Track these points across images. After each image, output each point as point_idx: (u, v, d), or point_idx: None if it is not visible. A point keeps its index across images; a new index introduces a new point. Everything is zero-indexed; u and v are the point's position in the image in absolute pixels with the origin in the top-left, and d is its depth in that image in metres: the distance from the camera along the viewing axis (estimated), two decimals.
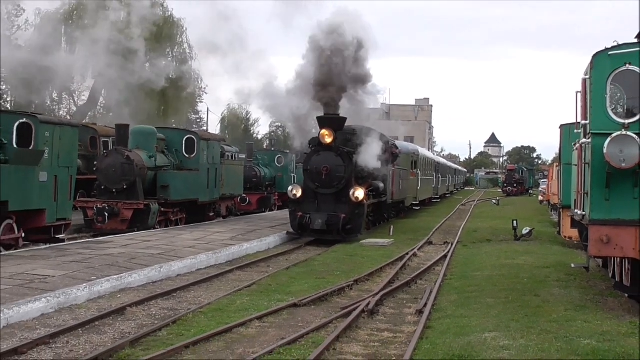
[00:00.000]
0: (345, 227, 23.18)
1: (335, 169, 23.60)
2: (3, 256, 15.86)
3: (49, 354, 8.96)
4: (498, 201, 54.86)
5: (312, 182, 23.89)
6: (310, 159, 24.20)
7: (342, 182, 23.60)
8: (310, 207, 23.47)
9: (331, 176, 23.56)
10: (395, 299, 13.51)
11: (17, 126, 18.12)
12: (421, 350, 9.29)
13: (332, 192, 23.62)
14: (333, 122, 23.97)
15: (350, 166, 23.87)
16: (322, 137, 23.56)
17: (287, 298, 12.80)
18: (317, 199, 23.67)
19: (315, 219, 22.97)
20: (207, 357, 8.89)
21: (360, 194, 23.42)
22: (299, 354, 8.99)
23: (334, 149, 23.73)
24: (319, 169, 23.65)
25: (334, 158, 23.70)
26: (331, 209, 23.29)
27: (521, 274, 16.10)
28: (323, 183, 23.67)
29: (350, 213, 23.35)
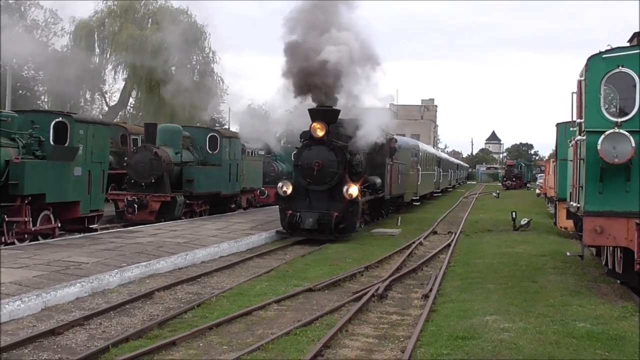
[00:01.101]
0: (338, 225, 20.22)
1: (327, 164, 20.48)
2: (41, 245, 15.96)
3: (83, 334, 9.00)
4: (498, 194, 54.61)
5: (303, 178, 20.79)
6: (301, 153, 21.01)
7: (335, 178, 20.50)
8: (301, 205, 20.55)
9: (323, 172, 20.47)
10: (402, 285, 13.49)
11: (53, 125, 18.22)
12: (427, 332, 9.28)
13: (325, 189, 20.57)
14: (325, 114, 20.86)
15: (343, 161, 20.73)
16: (313, 130, 20.50)
17: (302, 283, 12.82)
18: (309, 196, 20.65)
19: (305, 217, 20.11)
20: (229, 337, 8.90)
21: (354, 191, 20.38)
22: (314, 335, 9.00)
23: (327, 143, 20.65)
24: (310, 164, 20.49)
25: (326, 153, 20.58)
26: (323, 206, 20.37)
27: (520, 261, 16.05)
28: (315, 179, 20.57)
29: (343, 211, 20.31)
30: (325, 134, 20.43)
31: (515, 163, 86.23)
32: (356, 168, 21.72)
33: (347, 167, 20.93)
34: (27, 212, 16.88)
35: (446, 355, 8.03)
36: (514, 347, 8.31)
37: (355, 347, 8.66)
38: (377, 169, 25.13)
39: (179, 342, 8.49)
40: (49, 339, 8.64)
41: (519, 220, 25.29)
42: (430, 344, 8.61)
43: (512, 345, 8.39)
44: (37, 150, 17.61)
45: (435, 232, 24.12)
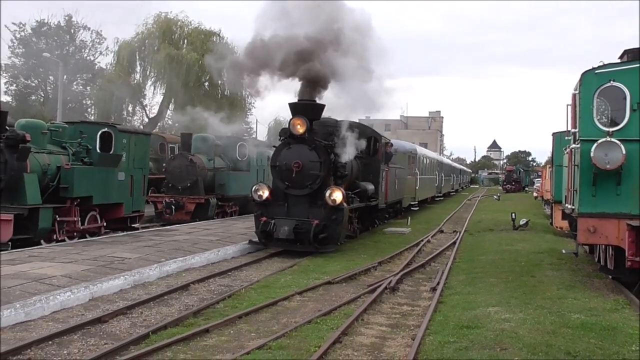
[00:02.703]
0: (318, 235, 16.05)
1: (308, 166, 16.39)
2: (88, 242, 16.06)
3: (126, 322, 9.03)
4: (499, 197, 54.21)
5: (281, 181, 16.70)
6: (279, 153, 16.83)
7: (316, 181, 16.42)
8: (278, 211, 16.52)
9: (304, 174, 16.39)
10: (412, 278, 13.42)
11: (100, 135, 18.37)
12: (435, 321, 9.22)
13: (305, 194, 16.49)
14: (307, 109, 16.76)
15: (327, 162, 16.57)
16: (292, 126, 16.45)
17: (322, 277, 12.79)
18: (287, 202, 16.61)
19: (280, 225, 16.00)
20: (256, 325, 8.90)
21: (337, 196, 16.17)
22: (333, 324, 8.98)
23: (308, 141, 16.50)
24: (289, 165, 16.40)
25: (308, 152, 16.49)
26: (303, 213, 16.35)
27: (519, 258, 15.91)
28: (294, 182, 16.51)
29: (325, 219, 16.20)
30: (306, 130, 16.36)
31: (515, 169, 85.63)
32: (341, 170, 17.19)
33: (332, 170, 16.90)
34: (76, 213, 17.04)
35: (452, 343, 7.97)
36: (514, 336, 8.23)
37: (370, 335, 8.63)
38: (371, 175, 20.87)
39: (212, 330, 8.50)
40: (95, 326, 8.68)
41: (518, 220, 25.11)
42: (438, 332, 8.56)
43: (512, 334, 8.31)
44: (85, 157, 17.76)
45: (441, 231, 23.98)
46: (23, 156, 15.26)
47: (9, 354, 7.23)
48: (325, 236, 16.28)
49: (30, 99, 53.87)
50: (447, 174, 55.40)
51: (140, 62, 48.09)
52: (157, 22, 47.09)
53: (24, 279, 10.46)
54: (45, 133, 17.03)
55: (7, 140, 15.08)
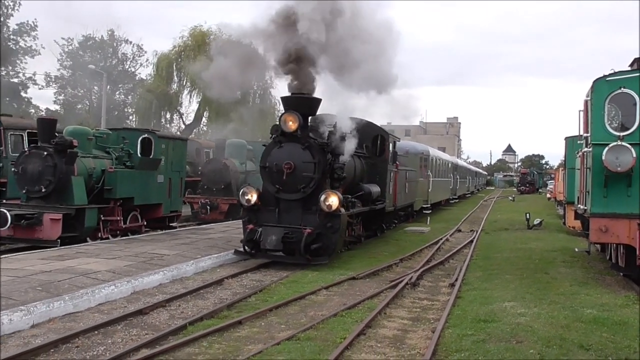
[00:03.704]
0: (310, 245, 13.37)
1: (301, 167, 13.82)
2: (130, 239, 16.23)
3: (165, 314, 9.10)
4: (514, 198, 53.73)
5: (271, 184, 14.10)
6: (269, 152, 14.21)
7: (310, 184, 13.76)
8: (268, 218, 13.94)
9: (296, 176, 13.81)
10: (432, 274, 13.34)
11: (140, 140, 18.54)
12: (454, 315, 9.15)
13: (298, 198, 13.88)
14: (300, 103, 14.06)
15: (322, 163, 13.90)
16: (284, 122, 13.87)
17: (347, 272, 12.77)
18: (279, 207, 14.00)
19: (267, 234, 13.43)
20: (286, 318, 8.91)
21: (333, 201, 13.49)
22: (357, 317, 8.96)
23: (301, 139, 13.87)
24: (279, 167, 13.82)
25: (300, 152, 13.89)
26: (295, 220, 13.78)
27: (533, 256, 15.75)
28: (285, 185, 13.92)
29: (320, 227, 13.56)
30: (298, 127, 13.75)
31: (529, 171, 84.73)
32: (339, 172, 14.46)
33: (328, 171, 14.26)
34: (119, 213, 17.22)
35: (470, 336, 7.91)
36: (530, 330, 8.14)
37: (393, 327, 8.59)
38: (378, 176, 18.28)
39: (245, 322, 8.53)
40: (137, 318, 8.76)
41: (532, 220, 24.86)
42: (457, 325, 8.49)
43: (527, 328, 8.22)
44: (127, 161, 17.95)
45: (459, 230, 23.80)
46: (71, 160, 15.47)
47: (60, 342, 7.34)
48: (320, 246, 13.56)
49: (76, 107, 54.71)
50: (462, 176, 52.43)
51: (177, 72, 48.51)
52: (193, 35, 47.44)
53: (72, 274, 10.60)
54: (90, 139, 17.25)
55: (56, 145, 15.31)
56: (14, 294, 8.97)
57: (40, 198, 15.30)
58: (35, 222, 14.62)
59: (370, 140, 18.21)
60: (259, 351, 7.10)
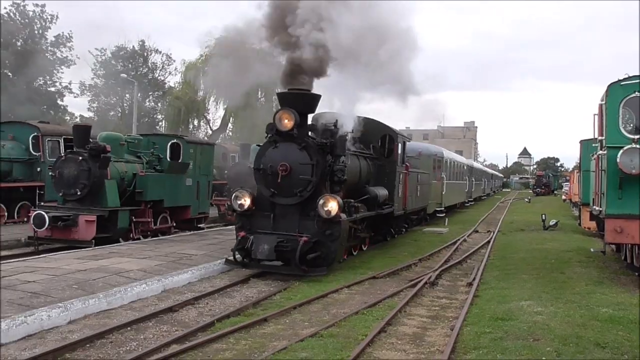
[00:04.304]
0: (307, 255, 11.82)
1: (297, 169, 12.30)
2: (160, 240, 16.36)
3: (194, 311, 9.15)
4: (529, 199, 53.18)
5: (265, 187, 12.59)
6: (263, 153, 12.70)
7: (307, 188, 12.28)
8: (263, 224, 12.49)
9: (292, 179, 12.31)
10: (450, 274, 13.25)
11: (170, 145, 18.72)
12: (472, 314, 9.08)
13: (294, 203, 12.38)
14: (297, 99, 12.50)
15: (321, 165, 12.39)
16: (278, 120, 12.33)
17: (367, 272, 12.71)
18: (274, 212, 12.54)
19: (259, 243, 11.89)
20: (309, 315, 8.91)
21: (332, 207, 12.01)
22: (378, 314, 8.93)
23: (298, 139, 12.37)
24: (274, 169, 12.35)
25: (297, 153, 12.38)
26: (293, 227, 12.28)
27: (549, 256, 15.57)
28: (281, 189, 12.43)
29: (318, 234, 12.09)
30: (294, 126, 12.23)
31: (544, 173, 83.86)
32: (339, 175, 12.76)
33: (328, 174, 12.67)
34: (150, 214, 17.38)
35: (488, 333, 7.84)
36: (546, 328, 8.05)
37: (412, 325, 8.55)
38: (386, 179, 16.64)
39: (270, 319, 8.55)
40: (167, 315, 8.82)
41: (548, 221, 24.58)
42: (475, 323, 8.43)
43: (544, 326, 8.13)
44: (157, 165, 18.12)
45: (476, 231, 23.61)
46: (104, 165, 15.65)
47: (95, 337, 7.43)
48: (318, 255, 12.05)
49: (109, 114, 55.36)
50: (478, 178, 50.44)
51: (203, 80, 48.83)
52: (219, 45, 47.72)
53: (105, 273, 10.72)
54: (122, 144, 17.44)
55: (90, 151, 15.51)
56: (52, 291, 9.11)
57: (75, 201, 15.50)
58: (71, 223, 14.82)
59: (377, 140, 16.79)
60: (284, 347, 7.11)
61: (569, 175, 50.97)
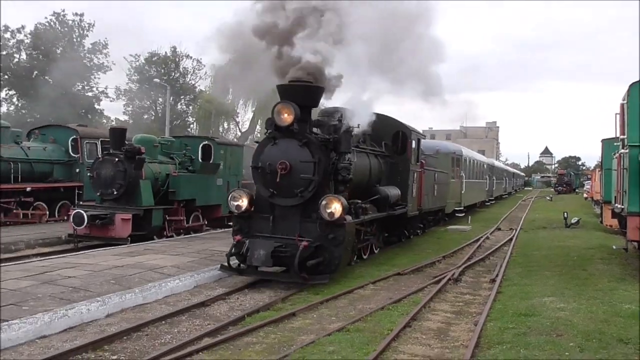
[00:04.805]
0: (307, 261, 10.41)
1: (298, 167, 10.92)
2: (192, 237, 16.50)
3: (225, 306, 9.20)
4: (551, 198, 52.38)
5: (264, 187, 11.23)
6: (262, 150, 11.29)
7: (309, 188, 10.90)
8: (262, 227, 11.17)
9: (292, 178, 10.92)
10: (473, 271, 13.13)
11: (201, 147, 18.88)
12: (495, 309, 8.98)
13: (295, 204, 11.01)
14: (298, 92, 11.05)
15: (323, 163, 10.97)
16: (277, 115, 10.89)
17: (392, 268, 12.65)
18: (274, 214, 11.17)
19: (255, 248, 10.57)
20: (336, 310, 8.90)
21: (336, 208, 10.58)
22: (403, 310, 8.89)
23: (298, 135, 10.97)
24: (273, 167, 10.93)
25: (297, 150, 10.98)
26: (293, 230, 10.89)
27: (571, 253, 15.34)
28: (280, 189, 11.04)
29: (320, 238, 10.72)
30: (294, 120, 10.79)
31: (566, 172, 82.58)
32: (344, 173, 11.26)
33: (331, 173, 11.21)
34: (182, 213, 17.55)
35: (512, 329, 7.76)
36: (569, 323, 7.94)
37: (437, 320, 8.50)
38: (399, 177, 15.30)
39: (298, 313, 8.57)
40: (199, 309, 8.88)
41: (570, 219, 24.20)
42: (498, 319, 8.34)
43: (567, 322, 8.02)
44: (189, 165, 18.30)
45: (499, 229, 23.36)
46: (139, 166, 15.84)
47: (132, 330, 7.53)
48: (320, 261, 10.66)
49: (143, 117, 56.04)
50: (499, 177, 48.50)
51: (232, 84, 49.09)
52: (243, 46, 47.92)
53: (140, 269, 10.86)
54: (156, 146, 17.65)
55: (126, 152, 15.71)
56: (91, 286, 9.26)
57: (112, 200, 15.71)
58: (108, 221, 15.03)
59: (389, 137, 15.40)
60: (312, 341, 7.12)
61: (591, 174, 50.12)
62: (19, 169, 18.63)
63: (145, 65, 55.45)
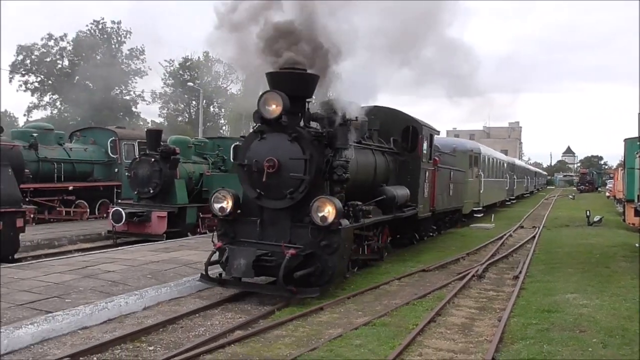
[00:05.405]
0: (294, 272, 8.83)
1: (288, 165, 9.27)
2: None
3: (255, 300, 9.14)
4: (574, 196, 51.44)
5: (251, 187, 9.55)
6: (248, 146, 9.66)
7: (300, 188, 9.25)
8: (249, 232, 9.56)
9: (281, 177, 9.28)
10: (497, 267, 12.94)
11: (233, 147, 19.02)
12: (518, 306, 8.85)
13: (285, 207, 9.37)
14: (288, 80, 9.45)
15: (316, 160, 9.30)
16: (263, 105, 9.28)
17: (417, 265, 12.55)
18: (262, 217, 9.55)
19: (234, 257, 8.83)
20: (362, 305, 8.86)
21: (329, 212, 8.91)
22: (427, 305, 8.81)
23: (288, 129, 9.31)
24: (260, 165, 9.29)
25: (287, 145, 9.32)
26: (283, 235, 9.27)
27: (594, 251, 15.04)
28: (268, 189, 9.40)
29: (311, 246, 9.08)
30: (282, 112, 9.10)
31: (588, 171, 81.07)
32: (340, 172, 9.45)
33: (326, 171, 9.47)
34: None
35: (535, 325, 7.63)
36: (592, 320, 7.79)
37: (461, 316, 8.40)
38: (409, 177, 13.75)
39: (325, 308, 8.55)
40: (232, 303, 8.92)
41: (592, 217, 23.73)
42: (521, 315, 8.22)
43: (590, 318, 7.87)
44: (222, 165, 18.44)
45: (522, 227, 22.99)
46: (174, 166, 16.03)
47: (167, 322, 7.61)
48: (311, 272, 9.03)
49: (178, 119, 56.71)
50: (520, 176, 46.37)
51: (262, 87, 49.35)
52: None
53: (175, 264, 10.97)
54: (190, 147, 17.84)
55: (161, 153, 15.91)
56: (129, 280, 9.39)
57: (149, 198, 15.92)
58: (145, 219, 15.24)
59: (399, 133, 13.80)
60: (339, 335, 7.10)
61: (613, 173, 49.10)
62: (62, 169, 19.01)
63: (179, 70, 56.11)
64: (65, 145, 19.98)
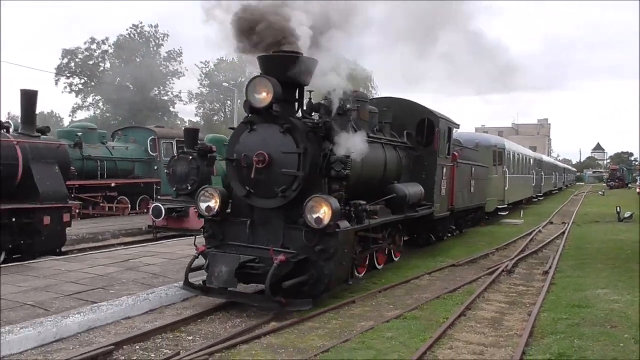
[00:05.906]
0: (284, 280, 7.53)
1: (279, 160, 8.01)
2: None
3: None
4: (603, 192, 50.24)
5: (240, 184, 8.34)
6: (237, 139, 8.44)
7: (293, 186, 8.01)
8: (237, 234, 8.39)
9: (272, 174, 8.04)
10: (526, 263, 12.74)
11: None
12: (548, 300, 8.70)
13: (277, 206, 8.13)
14: (280, 63, 8.00)
15: (311, 154, 8.05)
16: (252, 92, 7.97)
17: (447, 260, 12.45)
18: (252, 218, 8.34)
19: (214, 264, 7.57)
20: (393, 299, 8.83)
21: (325, 212, 7.63)
22: (458, 299, 8.74)
23: (280, 119, 8.10)
24: (249, 159, 8.02)
25: (279, 138, 8.04)
26: (276, 238, 8.07)
27: (624, 246, 14.68)
28: (257, 187, 8.18)
29: (305, 250, 7.80)
30: (273, 100, 7.95)
31: (618, 167, 79.06)
32: (338, 168, 8.16)
33: (322, 167, 8.26)
34: None
35: (565, 319, 7.50)
36: (623, 315, 7.60)
37: (491, 310, 8.30)
38: (424, 173, 12.43)
39: (357, 301, 8.54)
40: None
41: (623, 213, 23.13)
42: (551, 309, 8.08)
43: (621, 314, 7.68)
44: None
45: (551, 223, 22.55)
46: (210, 163, 16.19)
47: (205, 314, 7.72)
48: (304, 280, 7.84)
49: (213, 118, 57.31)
50: (547, 172, 44.04)
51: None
52: None
53: None
54: (225, 145, 17.96)
55: (198, 151, 16.09)
56: (169, 272, 9.55)
57: (186, 194, 16.11)
58: (183, 214, 15.45)
59: (413, 126, 12.52)
60: (371, 327, 7.10)
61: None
62: (104, 166, 19.42)
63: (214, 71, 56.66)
64: (108, 143, 20.38)
